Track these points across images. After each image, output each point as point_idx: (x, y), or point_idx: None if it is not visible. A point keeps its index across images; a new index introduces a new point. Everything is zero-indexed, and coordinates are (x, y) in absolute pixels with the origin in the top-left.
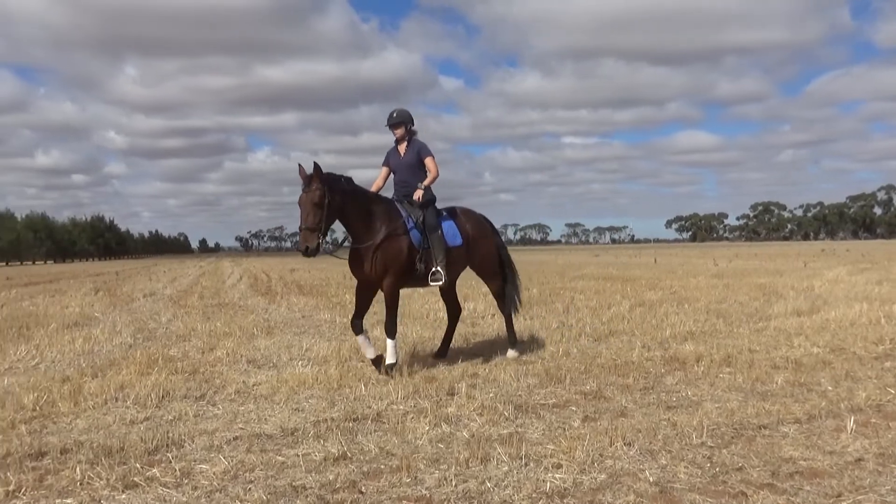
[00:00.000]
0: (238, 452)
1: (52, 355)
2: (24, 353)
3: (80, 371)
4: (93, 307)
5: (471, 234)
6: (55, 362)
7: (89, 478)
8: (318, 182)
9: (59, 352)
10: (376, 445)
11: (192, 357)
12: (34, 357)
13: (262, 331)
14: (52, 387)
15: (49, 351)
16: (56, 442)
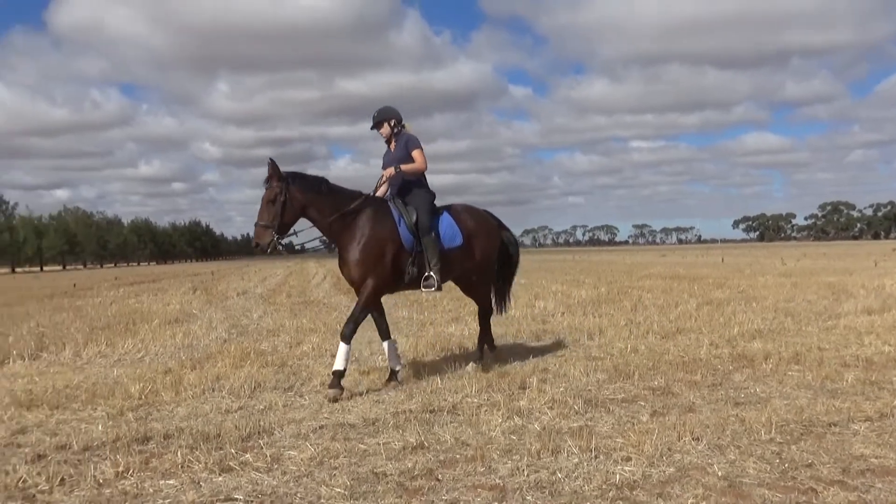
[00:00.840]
0: (323, 440)
1: (155, 349)
2: (130, 347)
3: (180, 363)
4: (191, 304)
5: (472, 231)
6: (158, 355)
7: (189, 461)
8: (274, 180)
9: (161, 345)
10: (452, 436)
11: (281, 351)
12: (140, 350)
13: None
14: (155, 377)
15: (153, 344)
16: (159, 428)
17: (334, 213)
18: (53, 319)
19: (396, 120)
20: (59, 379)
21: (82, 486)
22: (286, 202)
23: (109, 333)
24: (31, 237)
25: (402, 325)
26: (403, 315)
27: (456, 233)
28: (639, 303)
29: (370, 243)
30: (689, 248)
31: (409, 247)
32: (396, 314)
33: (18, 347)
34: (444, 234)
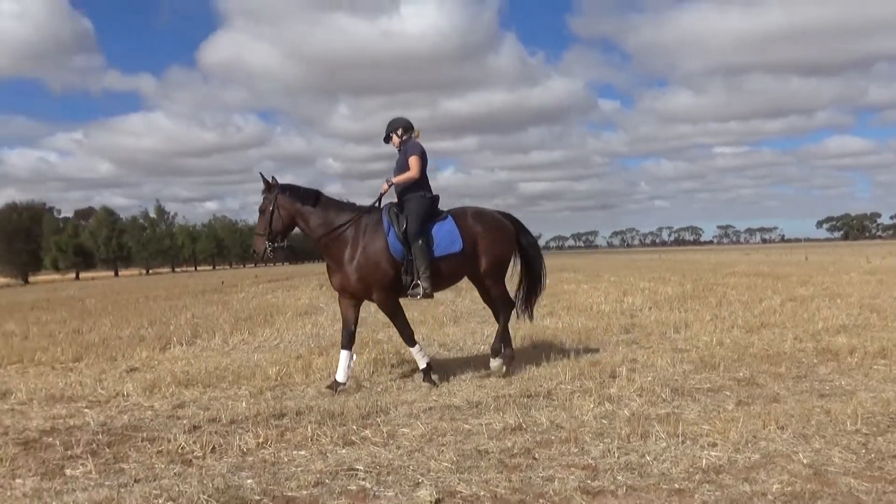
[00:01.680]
0: (432, 420)
1: (289, 337)
2: (268, 335)
3: (309, 350)
4: (318, 299)
5: (479, 235)
6: (291, 343)
7: (317, 435)
8: (266, 192)
9: (294, 334)
10: (547, 419)
11: (394, 340)
12: (276, 338)
13: (450, 320)
14: (289, 362)
15: (287, 333)
16: (292, 406)
17: (326, 227)
18: (205, 311)
19: (404, 128)
20: (210, 362)
21: (229, 453)
22: (274, 212)
23: (251, 324)
24: (187, 242)
25: None
26: None
27: (455, 238)
28: (723, 299)
29: (363, 258)
30: (772, 248)
31: (398, 256)
32: None
33: (178, 335)
34: (440, 241)
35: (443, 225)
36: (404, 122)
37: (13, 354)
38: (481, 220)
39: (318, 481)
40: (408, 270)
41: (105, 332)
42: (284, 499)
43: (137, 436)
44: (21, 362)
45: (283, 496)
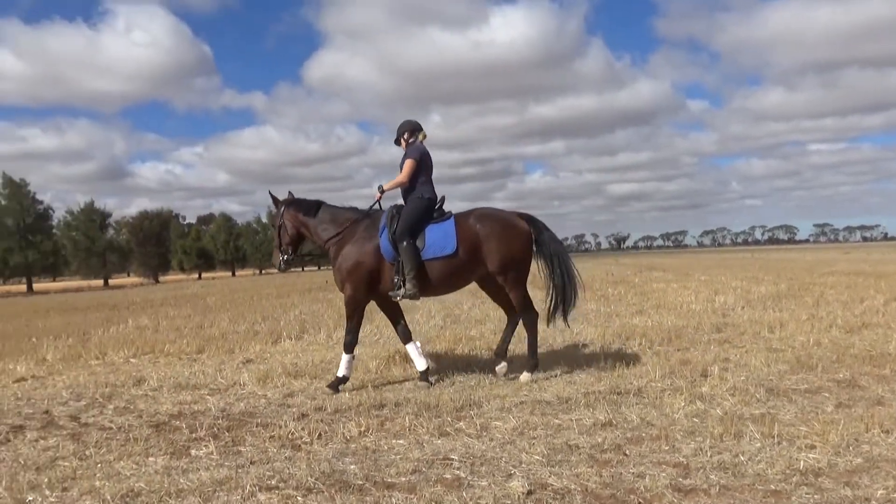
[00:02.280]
0: (524, 414)
1: (387, 332)
2: (369, 331)
3: None
4: None
5: (482, 237)
6: (390, 338)
7: (414, 425)
8: (275, 208)
9: (392, 330)
10: (638, 416)
11: (486, 337)
12: (376, 334)
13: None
14: (388, 356)
15: (385, 329)
16: (391, 397)
17: (327, 233)
18: (311, 308)
19: (409, 131)
20: (316, 355)
21: (334, 440)
22: (282, 226)
23: None
24: None
25: (591, 317)
26: (591, 308)
27: (448, 241)
28: (821, 298)
29: (345, 258)
30: (874, 246)
31: (389, 258)
32: (585, 307)
33: (287, 330)
34: (432, 243)
35: (440, 227)
36: (410, 124)
37: (146, 346)
38: (486, 220)
39: (415, 469)
40: (398, 271)
41: (224, 326)
42: (385, 484)
43: (252, 421)
44: (153, 353)
45: (384, 482)
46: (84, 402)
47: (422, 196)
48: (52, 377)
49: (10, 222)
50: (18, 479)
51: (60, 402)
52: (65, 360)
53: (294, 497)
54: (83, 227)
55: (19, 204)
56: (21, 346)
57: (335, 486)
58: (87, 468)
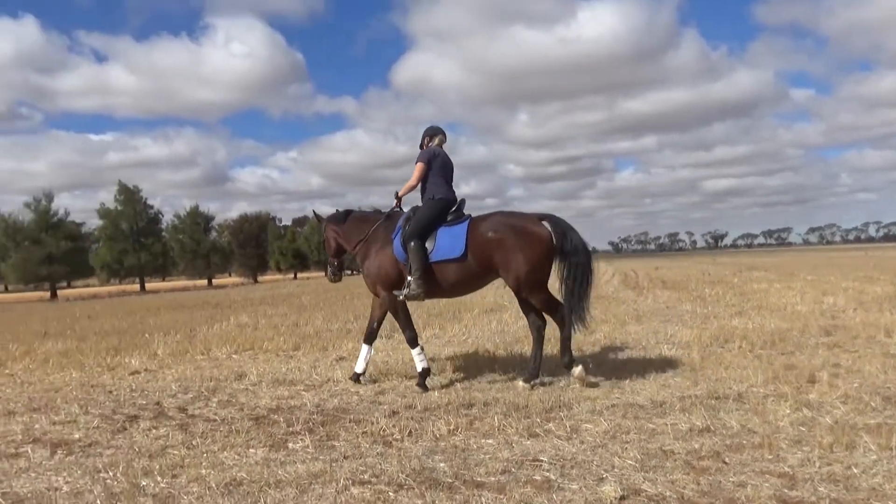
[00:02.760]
0: (615, 417)
1: (476, 332)
2: (457, 331)
3: (495, 345)
4: (503, 298)
5: (494, 242)
6: (478, 338)
7: (503, 426)
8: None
9: (480, 330)
10: (738, 422)
11: (576, 338)
12: (464, 334)
13: (632, 318)
14: (476, 356)
15: (474, 329)
16: (480, 397)
17: (356, 239)
18: None
19: (429, 136)
20: (406, 354)
21: (424, 438)
22: (325, 241)
23: (441, 320)
24: None
25: (686, 318)
26: (686, 309)
27: (458, 244)
28: None
29: (369, 262)
30: None
31: (401, 259)
32: (680, 307)
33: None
34: (441, 245)
35: (452, 229)
36: (429, 130)
37: (246, 342)
38: (500, 226)
39: (504, 469)
40: (409, 270)
41: (318, 325)
42: (474, 483)
43: (346, 417)
44: (252, 349)
45: (473, 481)
46: (191, 394)
47: (433, 197)
48: (162, 371)
49: (125, 226)
50: (133, 466)
51: (170, 394)
52: (174, 354)
53: (386, 492)
54: (189, 230)
55: (133, 209)
56: (135, 342)
57: (425, 484)
58: (194, 457)
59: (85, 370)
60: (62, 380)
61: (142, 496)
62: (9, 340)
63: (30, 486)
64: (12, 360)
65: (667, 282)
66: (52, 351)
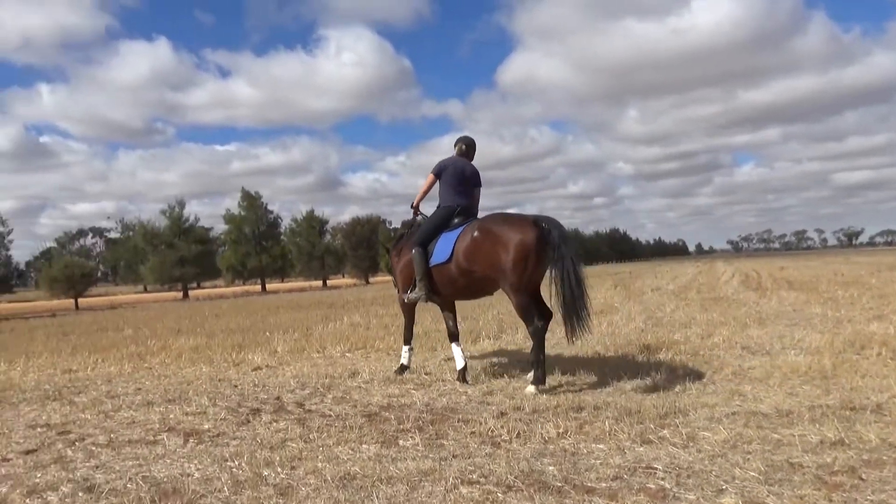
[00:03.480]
0: (736, 426)
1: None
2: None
3: (605, 347)
4: (613, 299)
5: (475, 245)
6: (587, 340)
7: (615, 430)
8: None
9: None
10: (877, 436)
11: (692, 342)
12: None
13: (754, 321)
14: (585, 359)
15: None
16: (590, 400)
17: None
18: (509, 309)
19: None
20: (513, 355)
21: (532, 440)
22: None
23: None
24: None
25: (816, 322)
26: (816, 312)
27: (446, 249)
28: None
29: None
30: None
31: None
32: (809, 310)
33: (486, 330)
34: (437, 250)
35: (448, 235)
36: (458, 139)
37: (359, 341)
38: (483, 228)
39: (616, 475)
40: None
41: (427, 325)
42: (584, 489)
43: (454, 417)
44: (364, 348)
45: (583, 486)
46: (308, 390)
47: (439, 206)
48: (281, 367)
49: (248, 230)
50: (256, 456)
51: (289, 389)
52: (292, 352)
53: (494, 493)
54: (305, 233)
55: (255, 214)
56: (257, 339)
57: (534, 486)
58: (311, 450)
59: (213, 365)
60: (193, 373)
61: (264, 485)
62: (148, 337)
63: (166, 472)
64: (150, 354)
65: (793, 283)
66: (184, 347)
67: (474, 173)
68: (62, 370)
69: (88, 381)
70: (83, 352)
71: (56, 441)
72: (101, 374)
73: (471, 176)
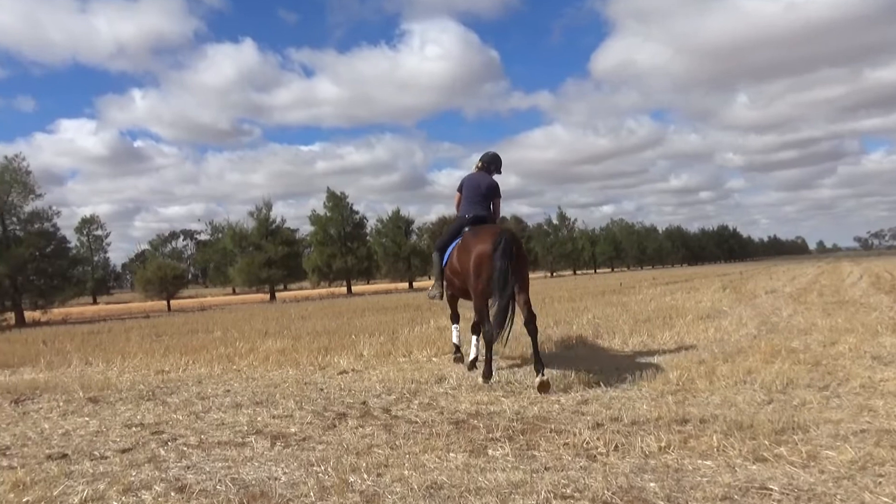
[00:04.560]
0: (865, 445)
1: (689, 340)
2: (668, 338)
3: (712, 355)
4: (721, 302)
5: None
6: (692, 346)
7: (724, 446)
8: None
9: (694, 338)
10: None
11: (813, 350)
12: (675, 341)
13: (886, 328)
14: (690, 366)
15: (687, 337)
16: (696, 412)
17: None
18: (605, 312)
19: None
20: (611, 361)
21: (632, 454)
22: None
23: (649, 326)
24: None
25: None
26: None
27: (447, 254)
28: None
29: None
30: None
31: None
32: None
33: (580, 334)
34: (446, 255)
35: (455, 241)
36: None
37: (446, 346)
38: (465, 236)
39: (725, 495)
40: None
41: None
42: None
43: (546, 426)
44: (451, 353)
45: None
46: (394, 395)
47: (457, 216)
48: (367, 371)
49: (333, 231)
50: (342, 462)
51: (375, 394)
52: (378, 356)
53: None
54: (391, 233)
55: (340, 215)
56: (343, 342)
57: (633, 503)
58: (397, 457)
59: (299, 368)
60: (280, 376)
61: (350, 492)
62: (236, 339)
63: (254, 474)
64: (239, 356)
65: None
66: (271, 349)
67: (490, 186)
68: (155, 371)
69: (180, 382)
70: (175, 353)
71: (150, 441)
72: (191, 375)
73: (486, 189)
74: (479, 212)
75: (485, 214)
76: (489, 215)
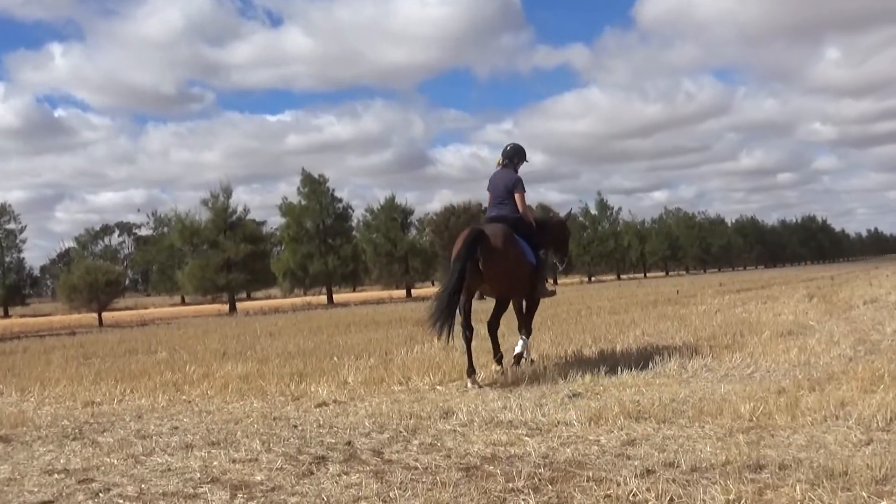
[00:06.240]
0: None
1: (766, 364)
2: (738, 361)
3: (795, 383)
4: (807, 315)
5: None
6: (769, 372)
7: (810, 498)
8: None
9: (773, 361)
10: None
11: None
12: (748, 365)
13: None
14: (767, 397)
15: (763, 360)
16: (774, 456)
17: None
18: (657, 328)
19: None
20: (665, 391)
21: None
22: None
23: (715, 345)
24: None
25: None
26: None
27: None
28: None
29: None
30: None
31: None
32: None
33: (625, 355)
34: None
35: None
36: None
37: (454, 371)
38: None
39: None
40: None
41: (544, 349)
42: None
43: (582, 474)
44: (461, 379)
45: None
46: (387, 434)
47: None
48: (353, 403)
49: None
50: None
51: (363, 432)
52: (366, 383)
53: None
54: (383, 227)
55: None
56: (322, 366)
57: None
58: None
59: (267, 399)
60: (242, 409)
61: None
62: (186, 361)
63: None
64: (190, 384)
65: None
66: (231, 374)
67: (510, 182)
68: (83, 402)
69: (115, 417)
70: (108, 379)
71: (76, 491)
72: (129, 407)
73: (504, 187)
74: (496, 211)
75: (505, 214)
76: (510, 214)
